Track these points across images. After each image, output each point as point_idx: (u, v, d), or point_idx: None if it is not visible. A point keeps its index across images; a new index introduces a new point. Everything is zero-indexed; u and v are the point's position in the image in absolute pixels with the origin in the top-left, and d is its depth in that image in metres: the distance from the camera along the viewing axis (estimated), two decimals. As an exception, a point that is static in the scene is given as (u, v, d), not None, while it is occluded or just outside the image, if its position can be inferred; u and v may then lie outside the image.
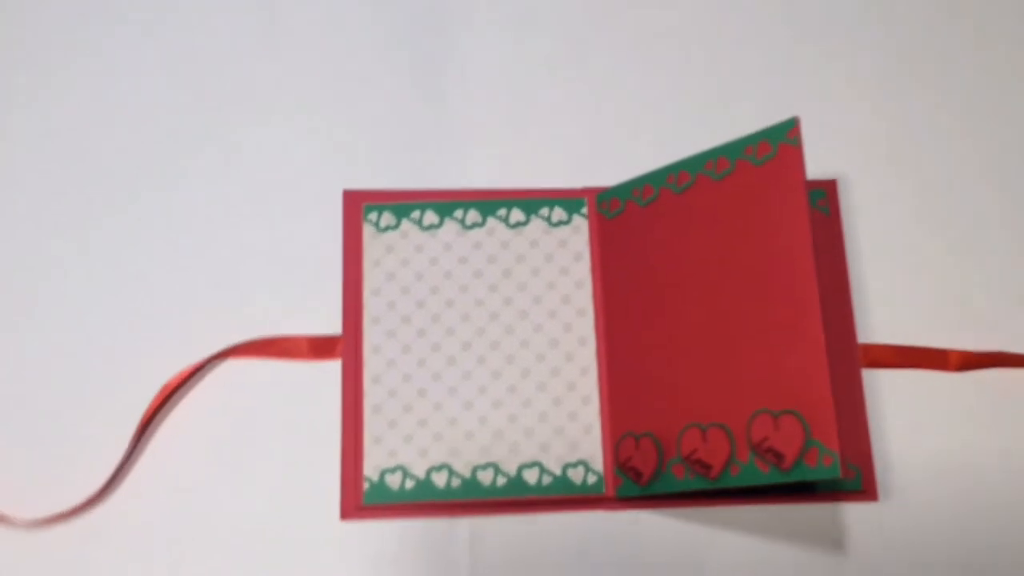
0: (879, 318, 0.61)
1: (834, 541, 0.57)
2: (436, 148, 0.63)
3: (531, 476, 0.57)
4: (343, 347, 0.59)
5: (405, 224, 0.61)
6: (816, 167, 0.63)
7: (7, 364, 0.58)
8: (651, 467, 0.56)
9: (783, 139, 0.53)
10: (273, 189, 0.62)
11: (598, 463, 0.58)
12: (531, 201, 0.62)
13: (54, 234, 0.61)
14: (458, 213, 0.61)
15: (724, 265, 0.55)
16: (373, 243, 0.61)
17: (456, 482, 0.57)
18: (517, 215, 0.62)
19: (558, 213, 0.62)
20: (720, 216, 0.56)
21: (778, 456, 0.50)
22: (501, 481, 0.57)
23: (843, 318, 0.61)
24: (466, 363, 0.59)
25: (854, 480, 0.58)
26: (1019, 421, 0.60)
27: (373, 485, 0.56)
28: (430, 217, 0.61)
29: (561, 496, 0.57)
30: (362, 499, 0.56)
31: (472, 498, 0.56)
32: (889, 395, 0.60)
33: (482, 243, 0.61)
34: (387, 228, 0.61)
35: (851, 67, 0.67)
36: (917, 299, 0.62)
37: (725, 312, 0.54)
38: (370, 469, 0.56)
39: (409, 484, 0.56)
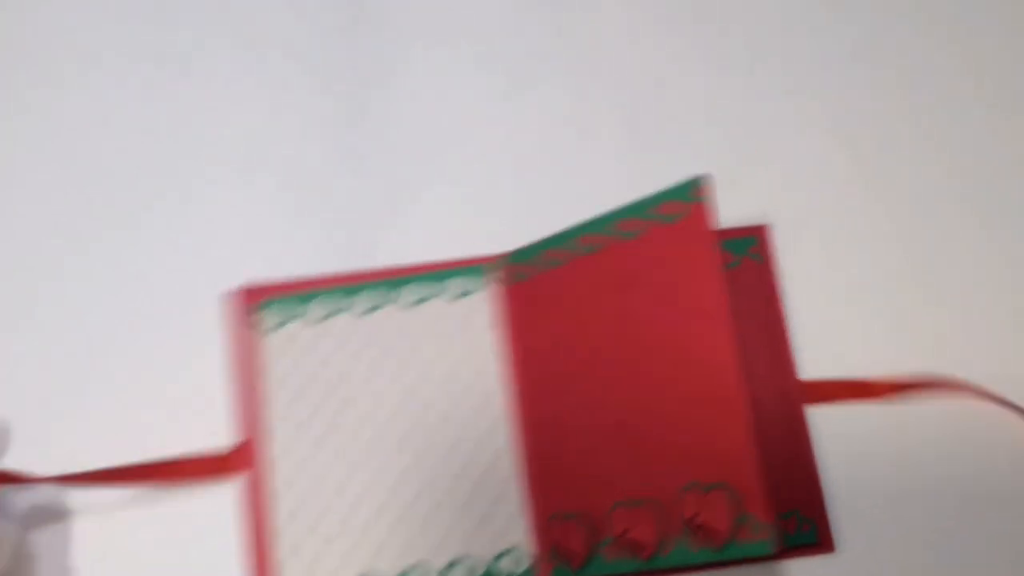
0: (818, 360, 0.58)
1: (794, 602, 0.54)
2: (329, 232, 0.60)
3: (460, 574, 0.53)
4: (240, 461, 0.55)
5: (293, 321, 0.57)
6: (750, 210, 0.60)
7: None
8: (583, 550, 0.52)
9: (692, 197, 0.49)
10: (143, 294, 0.59)
11: (529, 549, 0.54)
12: (428, 276, 0.58)
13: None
14: (349, 301, 0.57)
15: (640, 331, 0.51)
16: (261, 346, 0.57)
17: (380, 592, 0.53)
18: (414, 294, 0.58)
19: (459, 285, 0.58)
20: (633, 280, 0.52)
21: (710, 532, 0.47)
22: (428, 584, 0.53)
23: (782, 366, 0.57)
24: (375, 462, 0.55)
25: (808, 534, 0.54)
26: (960, 448, 0.56)
27: (288, 609, 0.52)
28: (318, 310, 0.57)
29: (493, 591, 0.53)
30: (278, 626, 0.52)
31: (399, 607, 0.53)
32: (831, 437, 0.56)
33: (377, 331, 0.57)
34: (274, 327, 0.57)
35: (779, 106, 0.63)
36: (856, 336, 0.58)
37: (645, 381, 0.51)
38: (285, 590, 0.53)
39: (327, 602, 0.52)
